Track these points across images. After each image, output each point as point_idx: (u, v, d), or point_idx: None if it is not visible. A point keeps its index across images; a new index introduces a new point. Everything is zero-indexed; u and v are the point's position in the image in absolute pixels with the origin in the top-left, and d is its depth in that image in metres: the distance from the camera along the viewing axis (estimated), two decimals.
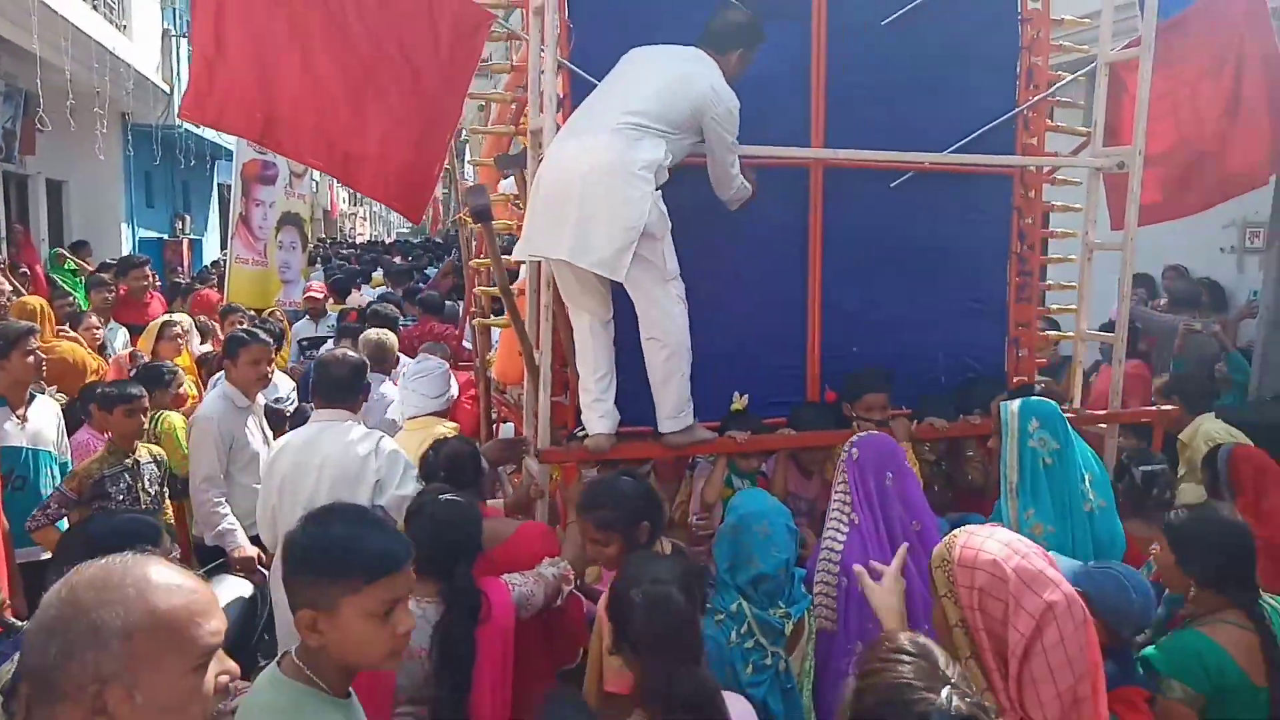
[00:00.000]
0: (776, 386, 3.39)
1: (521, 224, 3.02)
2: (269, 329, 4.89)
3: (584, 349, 2.96)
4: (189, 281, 9.05)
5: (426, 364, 3.84)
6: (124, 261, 7.51)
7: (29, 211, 10.13)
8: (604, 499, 2.40)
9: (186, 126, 11.46)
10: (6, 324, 3.79)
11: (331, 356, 3.12)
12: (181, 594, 1.15)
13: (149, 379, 4.06)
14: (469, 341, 5.08)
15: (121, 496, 3.36)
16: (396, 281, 9.61)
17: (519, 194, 3.42)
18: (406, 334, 6.01)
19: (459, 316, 6.24)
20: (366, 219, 37.51)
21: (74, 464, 3.66)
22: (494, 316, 3.92)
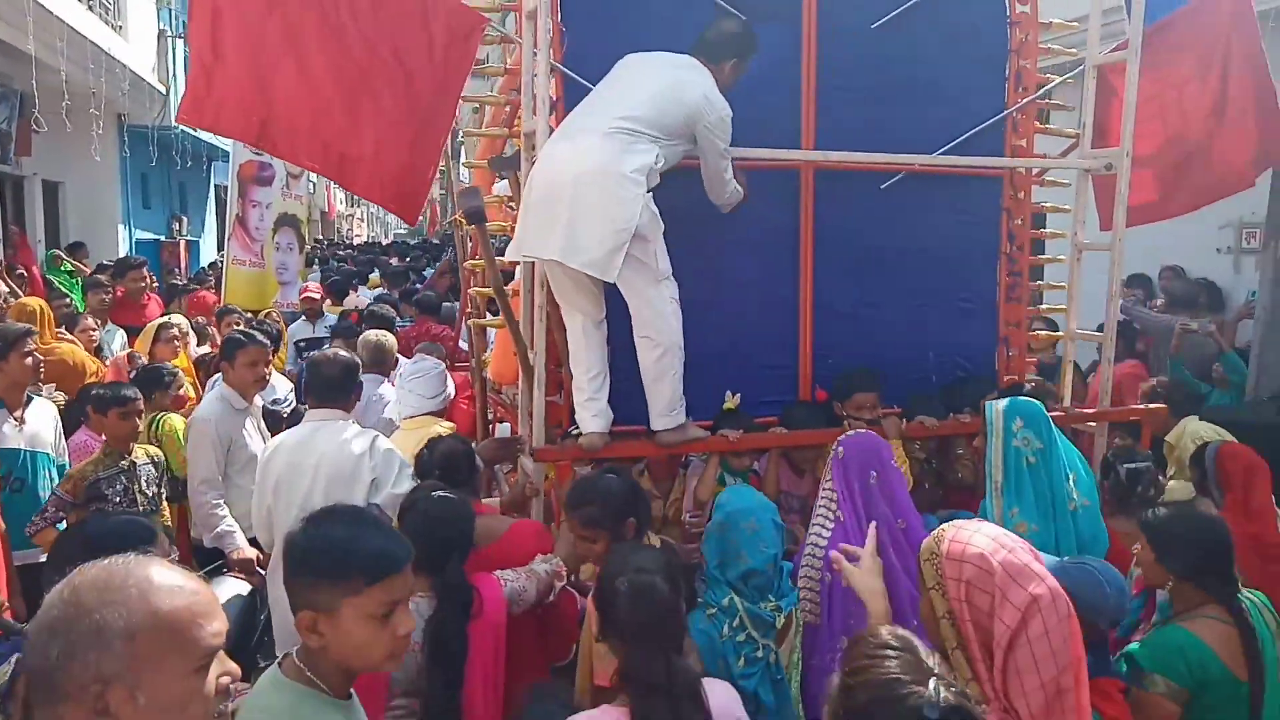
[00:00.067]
0: (768, 386, 3.42)
1: (515, 225, 3.05)
2: (265, 330, 4.91)
3: (577, 349, 2.99)
4: (186, 283, 9.04)
5: (423, 364, 3.86)
6: (121, 263, 7.51)
7: (25, 213, 10.12)
8: (589, 497, 2.43)
9: (183, 127, 11.44)
10: (4, 326, 3.76)
11: (323, 356, 3.12)
12: (184, 595, 1.16)
13: (149, 381, 4.06)
14: (465, 342, 5.10)
15: (118, 499, 3.35)
16: (393, 283, 9.61)
17: (513, 196, 3.45)
18: (403, 335, 6.01)
19: (455, 317, 6.25)
20: (364, 220, 37.48)
21: (72, 466, 3.65)
22: (489, 317, 3.94)
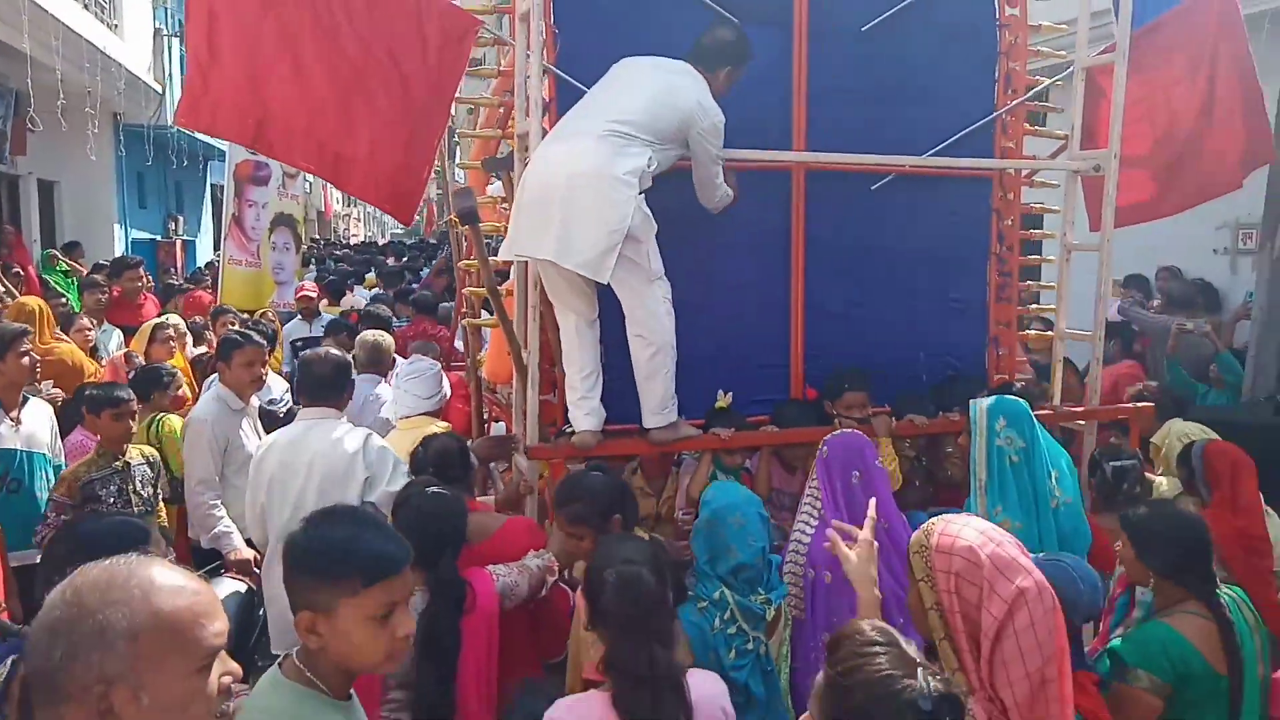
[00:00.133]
0: (760, 385, 3.44)
1: (508, 226, 3.07)
2: (260, 330, 4.91)
3: (570, 348, 3.02)
4: (182, 283, 9.05)
5: (419, 365, 3.87)
6: (118, 263, 7.50)
7: (20, 212, 10.12)
8: (575, 494, 2.46)
9: (179, 127, 11.44)
10: (1, 326, 3.74)
11: (314, 355, 3.13)
12: (186, 595, 1.16)
13: (148, 381, 4.05)
14: (461, 342, 5.12)
15: (112, 499, 3.34)
16: (388, 283, 9.63)
17: (506, 196, 3.47)
18: (400, 335, 6.03)
19: (451, 317, 6.26)
20: (360, 220, 37.42)
21: (68, 466, 3.62)
22: (485, 316, 3.96)
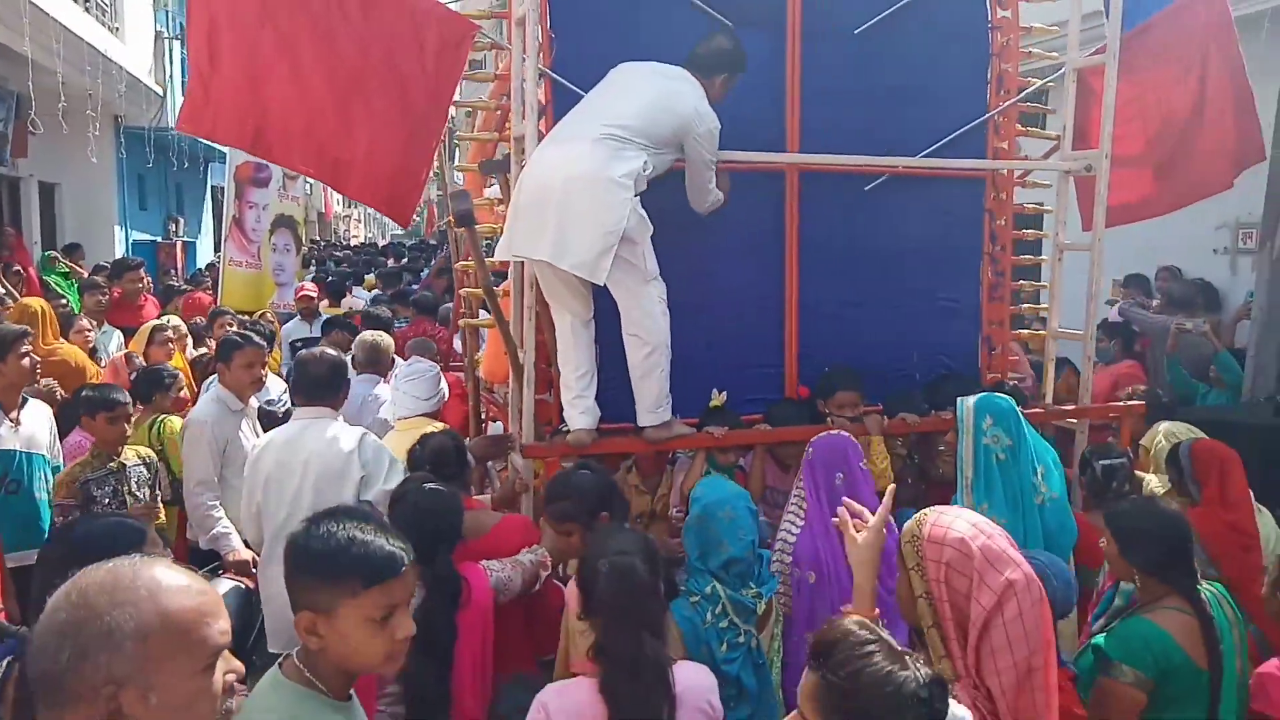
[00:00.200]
0: (755, 384, 3.48)
1: (505, 227, 3.11)
2: (259, 331, 4.94)
3: (566, 348, 3.05)
4: (182, 284, 9.07)
5: (418, 366, 3.89)
6: (118, 264, 7.53)
7: (21, 214, 10.15)
8: (563, 492, 2.50)
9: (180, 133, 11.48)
10: (1, 328, 3.71)
11: (310, 355, 3.14)
12: (191, 595, 1.17)
13: (149, 383, 4.05)
14: (459, 342, 5.14)
15: (107, 500, 3.35)
16: (387, 284, 9.66)
17: (503, 198, 3.50)
18: (400, 335, 6.06)
19: (450, 318, 6.28)
20: (361, 221, 37.44)
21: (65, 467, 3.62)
22: (483, 317, 3.99)
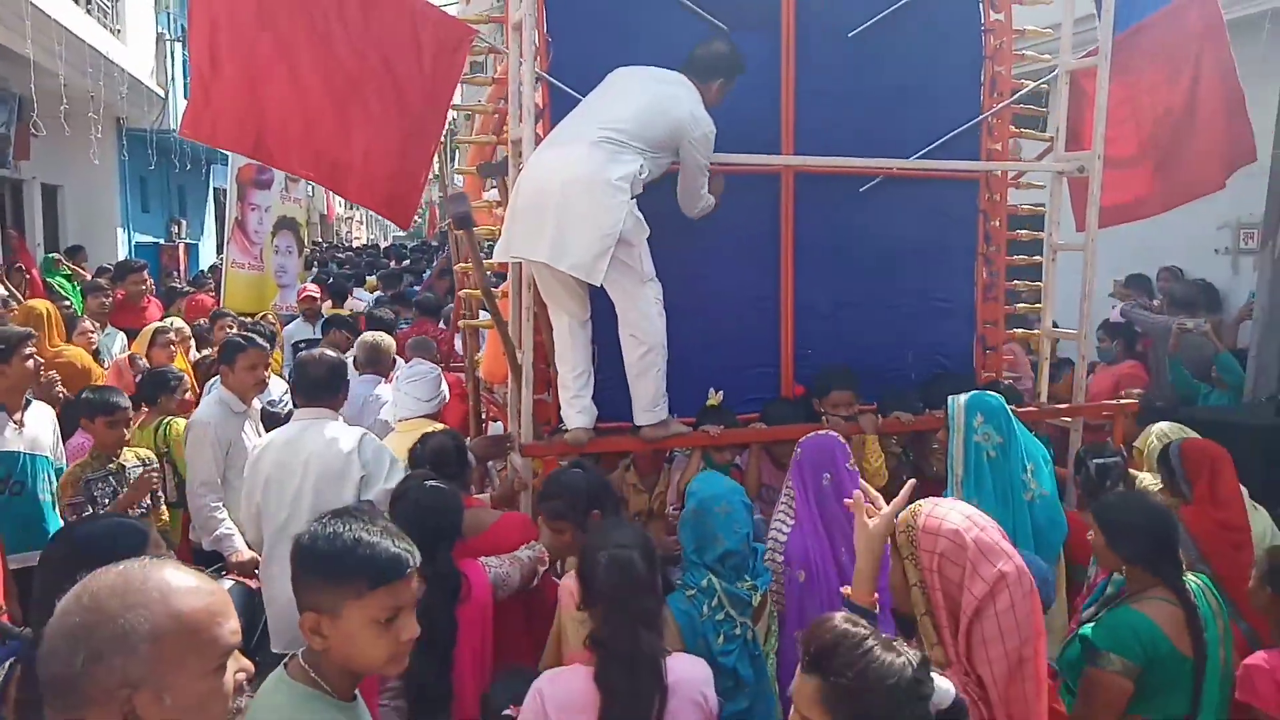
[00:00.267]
0: (751, 384, 3.52)
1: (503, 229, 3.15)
2: (260, 332, 4.97)
3: (563, 348, 3.09)
4: (184, 286, 9.12)
5: (419, 368, 3.93)
6: (121, 266, 7.55)
7: (24, 216, 10.19)
8: (555, 491, 2.55)
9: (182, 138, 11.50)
10: (5, 329, 3.71)
11: (309, 357, 3.17)
12: (202, 596, 1.17)
13: (155, 385, 4.06)
14: (460, 343, 5.17)
15: (106, 500, 3.36)
16: (387, 285, 9.69)
17: (501, 201, 3.54)
18: (401, 337, 6.10)
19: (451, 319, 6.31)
20: (363, 222, 37.47)
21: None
22: (482, 317, 4.03)
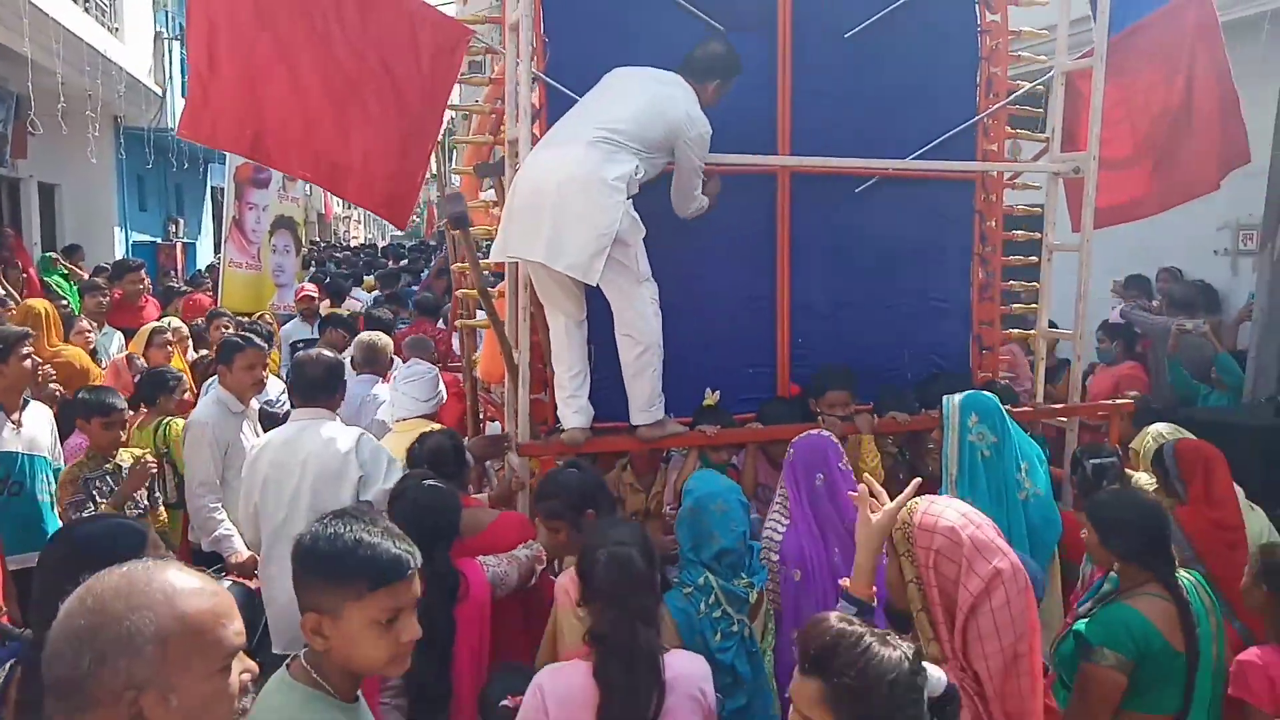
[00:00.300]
0: (747, 384, 3.53)
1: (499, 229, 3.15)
2: (257, 331, 4.97)
3: (559, 348, 3.10)
4: (181, 286, 9.11)
5: (417, 368, 3.93)
6: (119, 265, 7.55)
7: (21, 215, 10.18)
8: (550, 490, 2.57)
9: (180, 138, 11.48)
10: (2, 328, 3.70)
11: (307, 357, 3.18)
12: (206, 597, 1.17)
13: (154, 385, 4.05)
14: (457, 342, 5.18)
15: (104, 499, 3.36)
16: (384, 285, 9.70)
17: (498, 201, 3.55)
18: (399, 336, 6.10)
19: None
20: (360, 222, 37.43)
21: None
22: (479, 317, 4.04)
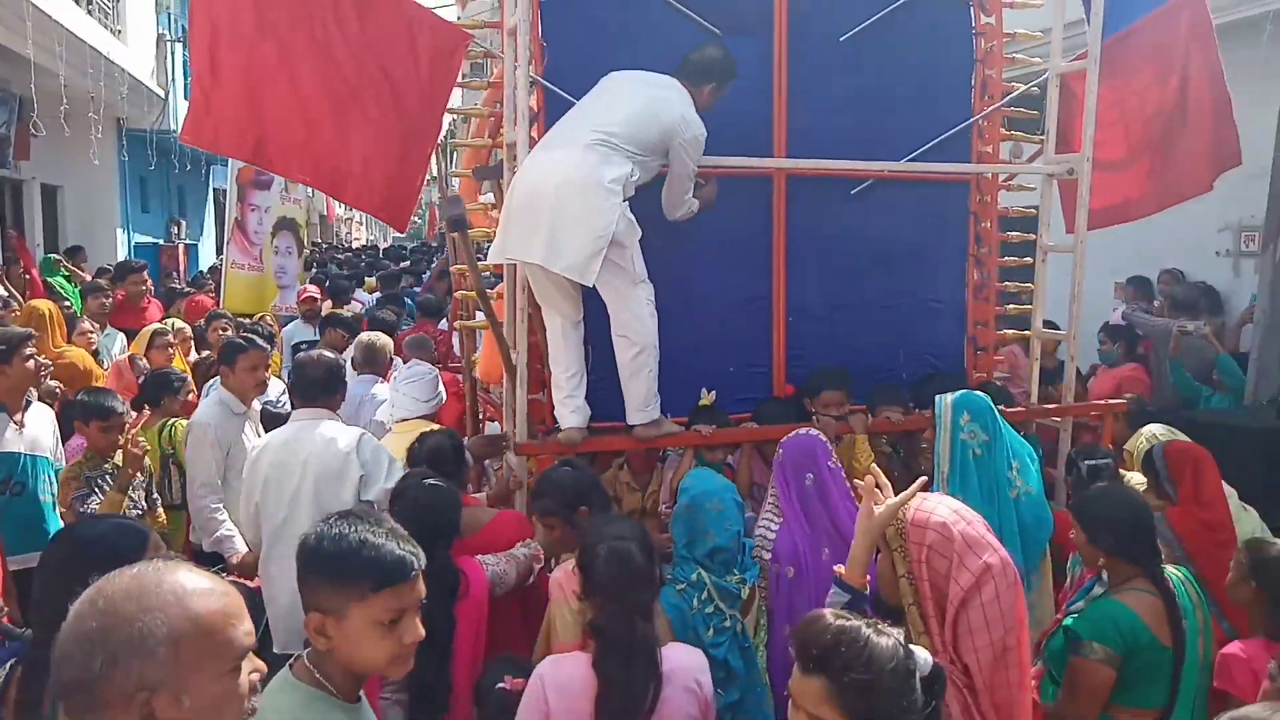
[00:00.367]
0: (743, 384, 3.56)
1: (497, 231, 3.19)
2: (258, 332, 5.00)
3: (556, 349, 3.14)
4: (184, 287, 9.14)
5: (417, 369, 3.97)
6: (121, 267, 7.58)
7: (24, 217, 10.22)
8: (544, 488, 2.61)
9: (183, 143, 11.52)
10: (5, 330, 3.73)
11: (307, 358, 3.22)
12: (217, 598, 1.17)
13: (159, 386, 4.08)
14: (457, 343, 5.21)
15: (103, 499, 3.36)
16: (385, 286, 9.73)
17: (497, 203, 3.59)
18: (401, 336, 6.13)
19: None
20: (362, 223, 37.46)
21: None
22: (478, 318, 4.07)
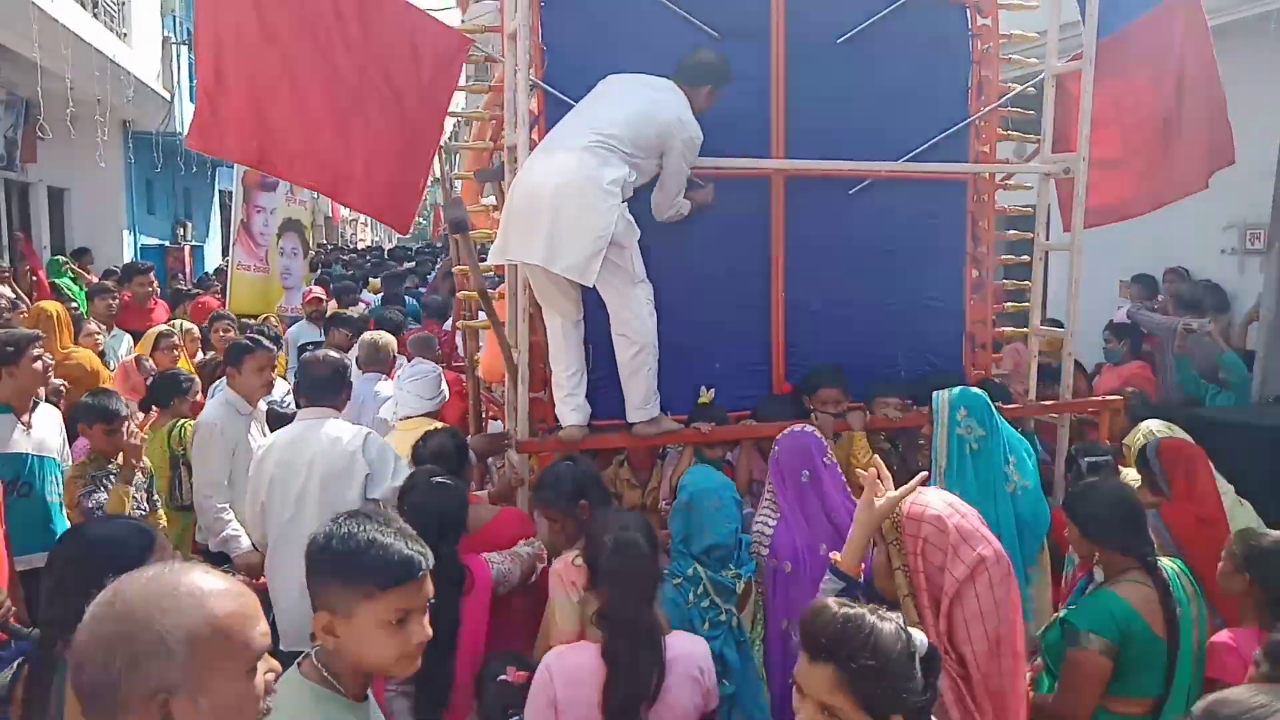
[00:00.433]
0: (743, 382, 3.59)
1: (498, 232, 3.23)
2: (264, 333, 5.04)
3: (557, 348, 3.18)
4: (190, 288, 9.20)
5: (421, 367, 4.03)
6: (128, 268, 7.65)
7: (31, 219, 10.29)
8: (545, 484, 2.66)
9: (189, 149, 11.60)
10: (13, 331, 3.73)
11: (313, 357, 3.26)
12: (234, 599, 1.17)
13: (167, 387, 4.10)
14: (460, 342, 5.24)
15: (106, 498, 3.37)
16: (389, 287, 9.78)
17: (498, 205, 3.63)
18: (405, 337, 6.16)
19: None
20: (367, 225, 37.48)
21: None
22: (480, 318, 4.11)
